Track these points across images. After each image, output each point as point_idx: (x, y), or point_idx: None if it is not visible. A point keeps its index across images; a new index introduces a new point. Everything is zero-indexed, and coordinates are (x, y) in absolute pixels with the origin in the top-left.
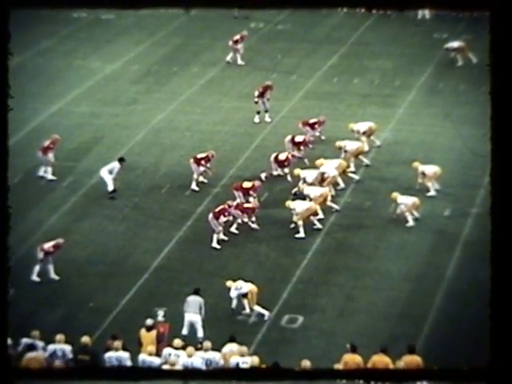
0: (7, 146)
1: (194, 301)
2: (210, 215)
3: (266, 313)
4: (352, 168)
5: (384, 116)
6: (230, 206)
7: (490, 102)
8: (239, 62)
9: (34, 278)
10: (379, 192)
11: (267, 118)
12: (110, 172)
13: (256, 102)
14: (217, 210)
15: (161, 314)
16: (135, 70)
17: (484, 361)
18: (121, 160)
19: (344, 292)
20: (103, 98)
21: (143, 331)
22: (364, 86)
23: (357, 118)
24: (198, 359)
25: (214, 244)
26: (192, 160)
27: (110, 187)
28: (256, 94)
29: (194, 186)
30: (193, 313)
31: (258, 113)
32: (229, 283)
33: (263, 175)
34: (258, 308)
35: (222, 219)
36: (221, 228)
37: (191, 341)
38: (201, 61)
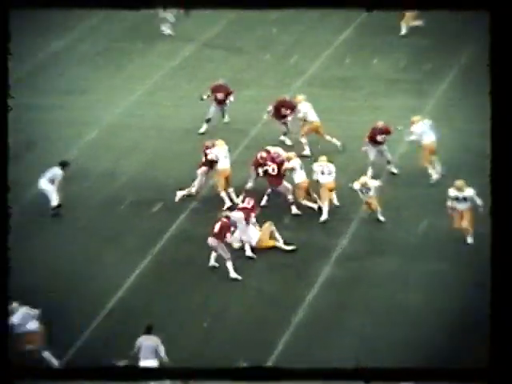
0: (7, 145)
1: (147, 343)
2: (211, 239)
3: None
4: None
5: (413, 108)
6: (228, 218)
7: (490, 101)
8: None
9: None
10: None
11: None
12: (52, 182)
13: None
14: (216, 229)
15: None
16: (85, 49)
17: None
18: (63, 164)
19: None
20: (40, 85)
21: None
22: (387, 68)
23: (378, 112)
24: None
25: (233, 274)
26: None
27: (54, 202)
28: (204, 96)
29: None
30: (150, 359)
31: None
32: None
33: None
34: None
35: (229, 237)
36: (229, 254)
37: None
38: (173, 36)
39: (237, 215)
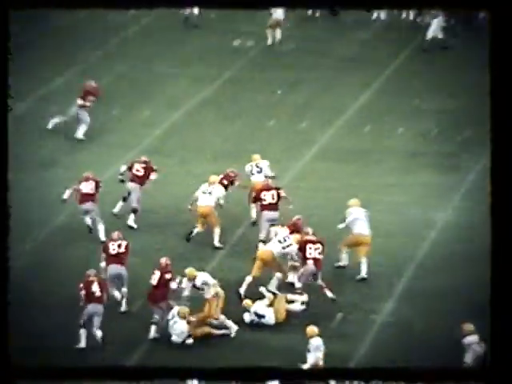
0: (7, 145)
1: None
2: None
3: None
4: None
5: (446, 186)
6: (167, 265)
7: (490, 102)
8: None
9: None
10: None
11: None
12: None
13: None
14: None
15: None
16: None
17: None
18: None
19: None
20: None
21: None
22: (413, 138)
23: (402, 189)
24: None
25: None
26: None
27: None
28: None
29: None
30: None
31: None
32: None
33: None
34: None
35: (173, 285)
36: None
37: None
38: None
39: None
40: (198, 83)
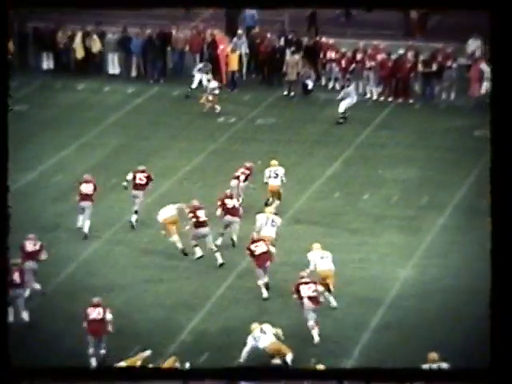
0: (7, 145)
1: None
2: None
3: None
4: None
5: (406, 246)
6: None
7: (490, 102)
8: None
9: None
10: None
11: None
12: None
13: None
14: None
15: None
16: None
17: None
18: None
19: None
20: None
21: None
22: (377, 203)
23: (368, 249)
24: None
25: None
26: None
27: None
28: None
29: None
30: None
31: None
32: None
33: None
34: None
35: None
36: None
37: None
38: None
39: None
40: (186, 155)
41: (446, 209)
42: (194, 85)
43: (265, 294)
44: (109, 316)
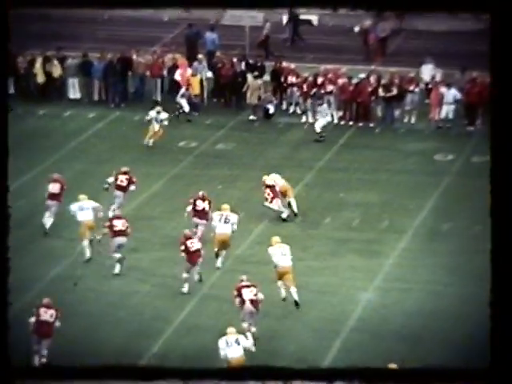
0: (7, 146)
1: None
2: None
3: None
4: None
5: (367, 269)
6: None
7: (490, 102)
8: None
9: None
10: None
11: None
12: None
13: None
14: None
15: None
16: None
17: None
18: None
19: None
20: None
21: None
22: (339, 227)
23: (329, 272)
24: None
25: None
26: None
27: None
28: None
29: None
30: None
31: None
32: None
33: None
34: None
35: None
36: None
37: None
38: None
39: None
40: (148, 179)
41: (407, 232)
42: (186, 109)
43: (185, 288)
44: (57, 324)
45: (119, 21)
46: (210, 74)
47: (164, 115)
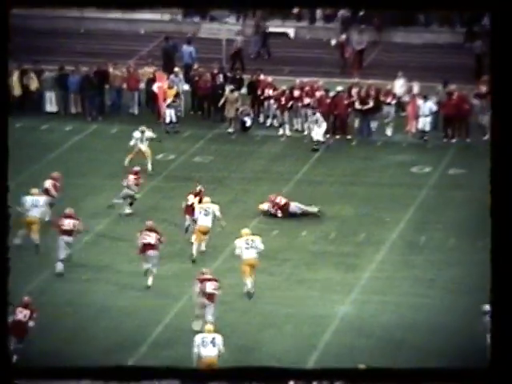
0: (7, 146)
1: None
2: None
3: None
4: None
5: (344, 282)
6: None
7: (490, 102)
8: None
9: None
10: None
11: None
12: None
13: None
14: None
15: None
16: None
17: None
18: None
19: None
20: None
21: None
22: (315, 240)
23: (306, 285)
24: None
25: None
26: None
27: None
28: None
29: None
30: None
31: None
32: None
33: None
34: None
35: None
36: None
37: None
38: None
39: None
40: None
41: (384, 245)
42: (168, 119)
43: (149, 281)
44: (31, 323)
45: (96, 34)
46: (186, 87)
47: (149, 133)
